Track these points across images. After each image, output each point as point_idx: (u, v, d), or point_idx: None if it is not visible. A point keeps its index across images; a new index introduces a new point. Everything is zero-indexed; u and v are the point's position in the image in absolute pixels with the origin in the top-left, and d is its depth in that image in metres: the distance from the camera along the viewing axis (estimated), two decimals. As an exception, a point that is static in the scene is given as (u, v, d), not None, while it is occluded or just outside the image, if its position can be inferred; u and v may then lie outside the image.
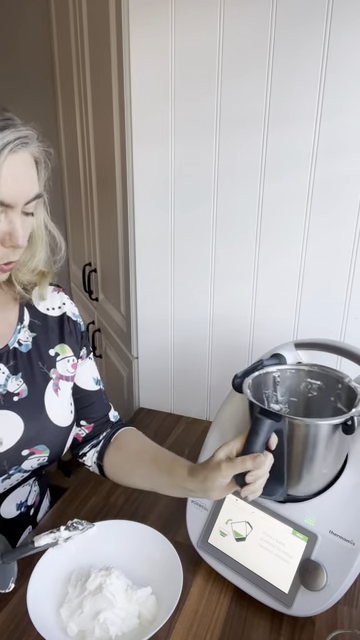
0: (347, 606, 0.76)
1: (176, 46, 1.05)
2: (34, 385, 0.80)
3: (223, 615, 0.75)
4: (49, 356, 0.83)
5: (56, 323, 0.85)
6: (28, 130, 0.67)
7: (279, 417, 0.69)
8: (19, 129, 0.66)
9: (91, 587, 0.73)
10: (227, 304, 1.19)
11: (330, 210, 1.03)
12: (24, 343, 0.81)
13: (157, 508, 0.96)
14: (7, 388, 0.77)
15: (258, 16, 0.96)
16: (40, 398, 0.80)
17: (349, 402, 0.77)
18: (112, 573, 0.74)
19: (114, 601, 0.71)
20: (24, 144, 0.65)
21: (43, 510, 0.97)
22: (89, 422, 0.90)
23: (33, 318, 0.83)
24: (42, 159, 0.70)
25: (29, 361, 0.80)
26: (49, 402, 0.81)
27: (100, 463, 0.88)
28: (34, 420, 0.78)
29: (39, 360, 0.82)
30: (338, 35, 0.92)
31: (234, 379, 0.80)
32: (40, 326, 0.84)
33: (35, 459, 0.79)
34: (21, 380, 0.79)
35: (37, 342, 0.82)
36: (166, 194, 1.16)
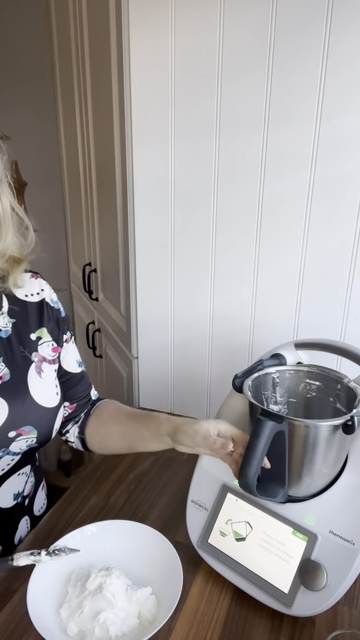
0: (347, 606, 0.76)
1: (176, 46, 1.05)
2: (16, 368, 0.82)
3: (223, 615, 0.75)
4: (30, 340, 0.86)
5: (35, 308, 0.88)
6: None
7: (281, 419, 0.69)
8: None
9: (91, 587, 0.73)
10: (227, 304, 1.19)
11: (330, 210, 1.03)
12: (3, 329, 0.83)
13: (157, 508, 0.96)
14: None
15: (258, 16, 0.96)
16: (23, 380, 0.82)
17: (348, 402, 0.77)
18: (112, 573, 0.74)
19: (114, 601, 0.71)
20: None
21: (38, 501, 0.99)
22: (72, 402, 0.94)
23: (12, 305, 0.86)
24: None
25: (9, 346, 0.83)
26: (33, 384, 0.83)
27: (82, 436, 0.94)
28: (18, 402, 0.80)
29: (20, 345, 0.84)
30: (338, 35, 0.92)
31: (234, 379, 0.80)
32: (19, 312, 0.86)
33: (23, 441, 0.80)
34: (2, 364, 0.81)
35: (17, 327, 0.85)
36: (166, 194, 1.16)
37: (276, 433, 0.69)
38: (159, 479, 1.05)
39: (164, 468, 1.09)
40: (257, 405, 0.73)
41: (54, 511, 0.95)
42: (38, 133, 1.98)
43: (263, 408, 0.72)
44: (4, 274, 0.83)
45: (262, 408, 0.72)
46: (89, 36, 1.38)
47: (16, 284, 0.85)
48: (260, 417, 0.69)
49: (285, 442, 0.71)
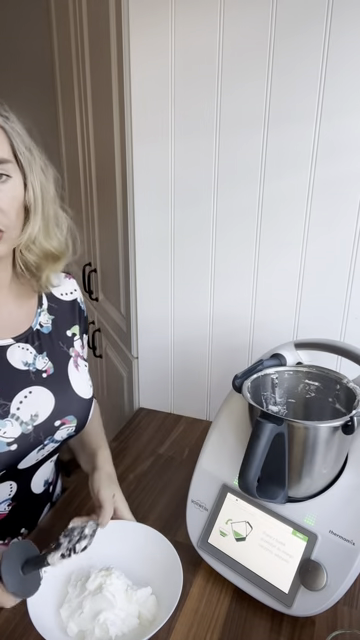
0: (347, 606, 0.76)
1: (176, 46, 1.05)
2: (58, 362, 0.87)
3: (223, 615, 0.75)
4: (67, 336, 0.91)
5: (69, 307, 0.93)
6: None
7: (280, 420, 0.69)
8: None
9: (91, 587, 0.73)
10: (227, 304, 1.19)
11: (330, 210, 1.03)
12: (45, 325, 0.88)
13: (157, 508, 0.96)
14: (36, 366, 0.84)
15: (258, 16, 0.96)
16: (65, 374, 0.88)
17: (348, 403, 0.78)
18: (112, 573, 0.74)
19: (114, 601, 0.71)
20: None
21: (58, 488, 1.03)
22: None
23: (50, 302, 0.90)
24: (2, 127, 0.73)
25: (51, 341, 0.88)
26: (72, 377, 0.88)
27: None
28: (62, 393, 0.86)
29: (59, 340, 0.89)
30: (338, 36, 0.92)
31: (234, 379, 0.80)
32: (57, 309, 0.91)
33: (65, 429, 0.86)
34: (47, 358, 0.86)
35: (56, 323, 0.90)
36: (166, 194, 1.16)
37: (275, 435, 0.69)
38: (159, 479, 1.06)
39: (164, 468, 1.09)
40: (256, 407, 0.73)
41: (54, 511, 0.95)
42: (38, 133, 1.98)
43: (262, 410, 0.72)
44: (38, 269, 0.84)
45: (261, 410, 0.72)
46: (89, 36, 1.38)
47: (49, 281, 0.87)
48: (259, 419, 0.70)
49: (285, 444, 0.71)
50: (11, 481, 0.84)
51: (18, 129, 0.75)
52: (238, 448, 0.82)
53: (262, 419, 0.70)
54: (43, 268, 0.84)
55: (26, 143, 0.76)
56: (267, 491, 0.74)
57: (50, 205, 0.80)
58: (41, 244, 0.81)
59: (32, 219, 0.78)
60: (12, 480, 0.84)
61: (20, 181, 0.75)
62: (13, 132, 0.74)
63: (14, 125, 0.74)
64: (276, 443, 0.70)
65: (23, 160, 0.75)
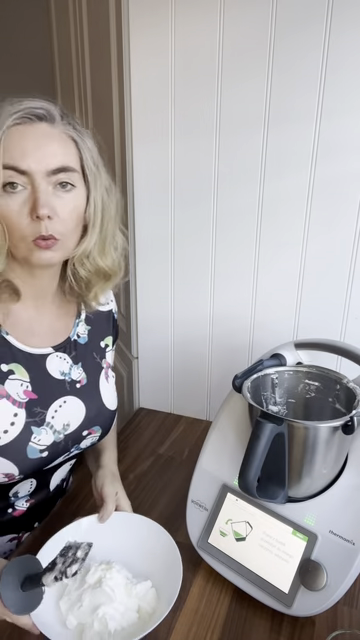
0: (347, 606, 0.76)
1: (176, 46, 1.05)
2: (91, 373, 0.89)
3: (223, 615, 0.75)
4: (100, 347, 0.93)
5: (105, 318, 0.95)
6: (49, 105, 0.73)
7: (280, 420, 0.69)
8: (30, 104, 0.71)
9: (91, 581, 0.73)
10: (227, 304, 1.19)
11: (330, 210, 1.03)
12: (82, 335, 0.90)
13: (157, 508, 0.96)
14: (71, 376, 0.86)
15: (258, 16, 0.96)
16: (96, 385, 0.90)
17: (348, 403, 0.78)
18: (112, 567, 0.74)
19: (113, 596, 0.71)
20: (38, 117, 0.70)
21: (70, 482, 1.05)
22: None
23: (88, 313, 0.92)
24: (71, 135, 0.74)
25: (86, 352, 0.90)
26: (103, 388, 0.91)
27: None
28: (93, 405, 0.88)
29: (93, 351, 0.91)
30: (338, 35, 0.92)
31: (234, 379, 0.80)
32: (93, 320, 0.92)
33: (90, 439, 0.88)
34: (81, 369, 0.88)
35: (91, 334, 0.91)
36: (166, 194, 1.16)
37: (276, 435, 0.69)
38: (159, 479, 1.06)
39: (164, 468, 1.09)
40: (256, 407, 0.73)
41: (54, 513, 0.95)
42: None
43: (262, 410, 0.72)
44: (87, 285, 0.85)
45: (261, 410, 0.72)
46: (89, 36, 1.38)
47: (97, 299, 0.88)
48: (259, 419, 0.70)
49: (285, 444, 0.71)
50: (32, 479, 0.86)
51: (89, 145, 0.77)
52: (238, 448, 0.82)
53: (262, 419, 0.70)
54: (93, 285, 0.85)
55: (94, 159, 0.77)
56: (267, 491, 0.74)
57: (109, 224, 0.81)
58: (95, 260, 0.81)
59: (89, 234, 0.78)
60: (33, 478, 0.86)
61: (83, 193, 0.76)
62: (84, 147, 0.75)
63: (86, 140, 0.76)
64: (276, 443, 0.70)
65: (89, 174, 0.76)
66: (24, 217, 0.70)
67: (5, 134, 0.68)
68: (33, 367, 0.81)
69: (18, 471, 0.78)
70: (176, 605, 0.75)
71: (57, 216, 0.71)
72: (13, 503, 0.87)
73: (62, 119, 0.74)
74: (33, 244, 0.71)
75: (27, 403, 0.79)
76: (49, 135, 0.71)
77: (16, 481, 0.81)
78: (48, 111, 0.72)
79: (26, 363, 0.80)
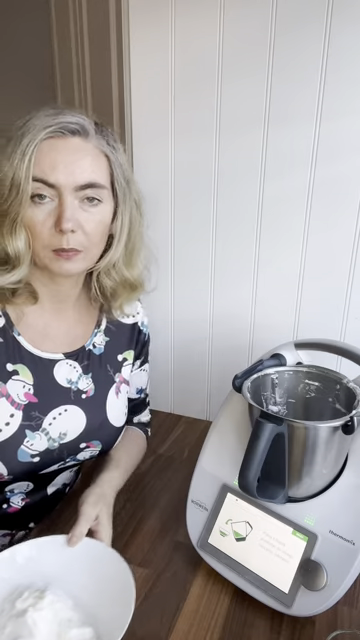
0: (347, 606, 0.76)
1: (176, 46, 1.05)
2: (100, 386, 0.88)
3: (223, 615, 0.75)
4: (117, 361, 0.91)
5: (128, 330, 0.93)
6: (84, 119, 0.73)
7: (280, 420, 0.69)
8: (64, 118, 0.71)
9: (20, 607, 0.64)
10: (227, 304, 1.19)
11: (330, 210, 1.03)
12: (98, 346, 0.88)
13: (157, 508, 0.96)
14: (78, 386, 0.85)
15: (258, 16, 0.96)
16: (103, 399, 0.88)
17: (348, 403, 0.78)
18: (45, 597, 0.64)
19: (34, 631, 0.60)
20: (71, 131, 0.71)
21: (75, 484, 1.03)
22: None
23: (109, 323, 0.91)
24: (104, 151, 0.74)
25: (100, 363, 0.88)
26: (110, 403, 0.88)
27: None
28: (95, 418, 0.86)
29: (108, 363, 0.89)
30: (338, 36, 0.92)
31: (234, 379, 0.80)
32: (114, 332, 0.91)
33: (89, 452, 0.87)
34: (90, 380, 0.86)
35: (109, 346, 0.90)
36: (166, 194, 1.16)
37: (276, 435, 0.69)
38: (159, 479, 1.05)
39: (164, 468, 1.09)
40: (256, 407, 0.73)
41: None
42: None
43: (262, 410, 0.72)
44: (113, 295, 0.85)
45: (262, 410, 0.72)
46: (89, 36, 1.38)
47: (122, 309, 0.88)
48: (259, 419, 0.70)
49: (285, 444, 0.71)
50: (29, 482, 0.85)
51: (121, 160, 0.77)
52: (238, 448, 0.82)
53: (262, 419, 0.69)
54: (119, 295, 0.85)
55: (125, 174, 0.78)
56: (267, 491, 0.74)
57: (137, 237, 0.82)
58: (121, 271, 0.82)
59: (114, 247, 0.79)
60: (30, 481, 0.85)
61: (110, 208, 0.77)
62: (116, 162, 0.76)
63: (118, 156, 0.76)
64: (276, 443, 0.70)
65: (119, 190, 0.77)
66: (48, 228, 0.71)
67: (37, 147, 0.69)
68: (39, 371, 0.80)
69: (7, 472, 0.77)
70: (176, 605, 0.75)
71: (81, 229, 0.72)
72: (9, 499, 0.86)
73: (96, 133, 0.74)
74: (54, 254, 0.72)
75: (26, 406, 0.78)
76: (81, 150, 0.72)
77: (7, 481, 0.81)
78: (82, 126, 0.72)
79: (32, 366, 0.79)
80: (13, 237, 0.71)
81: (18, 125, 0.71)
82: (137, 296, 0.90)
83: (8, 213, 0.70)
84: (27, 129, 0.70)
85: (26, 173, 0.68)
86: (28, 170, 0.68)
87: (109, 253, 0.80)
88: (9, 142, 0.70)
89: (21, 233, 0.71)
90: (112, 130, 0.78)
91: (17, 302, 0.78)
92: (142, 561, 0.83)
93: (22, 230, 0.71)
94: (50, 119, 0.70)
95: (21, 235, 0.71)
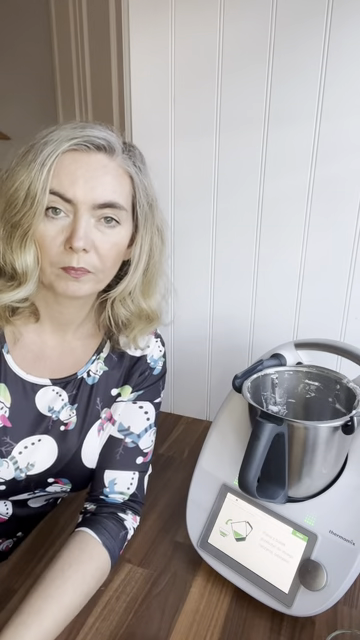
0: (347, 606, 0.76)
1: (176, 46, 1.05)
2: (83, 421, 0.79)
3: (223, 615, 0.75)
4: (109, 395, 0.82)
5: (130, 363, 0.83)
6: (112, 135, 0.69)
7: (280, 420, 0.69)
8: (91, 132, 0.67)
9: None
10: (227, 304, 1.19)
11: (330, 210, 1.03)
12: (92, 375, 0.80)
13: (157, 508, 0.96)
14: (59, 416, 0.77)
15: (258, 16, 0.96)
16: (83, 434, 0.79)
17: (348, 403, 0.78)
18: None
19: None
20: (96, 146, 0.67)
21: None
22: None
23: (112, 352, 0.82)
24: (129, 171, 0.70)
25: (89, 395, 0.80)
26: (88, 441, 0.80)
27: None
28: (67, 453, 0.78)
29: (98, 396, 0.81)
30: (338, 35, 0.92)
31: (234, 379, 0.80)
32: (115, 362, 0.82)
33: (58, 487, 0.80)
34: (74, 412, 0.79)
35: (105, 377, 0.81)
36: (166, 194, 1.16)
37: (276, 435, 0.69)
38: (159, 479, 1.05)
39: (164, 468, 1.09)
40: (256, 407, 0.73)
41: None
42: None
43: (262, 410, 0.72)
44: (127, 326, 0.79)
45: (261, 410, 0.72)
46: (89, 36, 1.38)
47: (136, 341, 0.80)
48: (259, 419, 0.70)
49: (285, 444, 0.71)
50: (5, 500, 0.81)
51: (146, 183, 0.73)
52: (238, 448, 0.82)
53: (262, 419, 0.70)
54: (134, 326, 0.78)
55: (149, 198, 0.73)
56: (267, 491, 0.74)
57: (157, 266, 0.77)
58: (138, 301, 0.77)
59: (131, 273, 0.74)
60: (6, 500, 0.81)
61: (128, 232, 0.72)
62: (140, 184, 0.71)
63: (143, 178, 0.72)
64: (276, 443, 0.70)
65: (140, 214, 0.72)
66: (58, 244, 0.66)
67: (58, 158, 0.65)
68: (19, 394, 0.74)
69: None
70: (176, 605, 0.75)
71: (94, 250, 0.68)
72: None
73: (123, 152, 0.70)
74: (62, 271, 0.67)
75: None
76: (104, 167, 0.67)
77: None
78: (109, 142, 0.68)
79: (14, 387, 0.74)
80: (22, 251, 0.66)
81: (42, 134, 0.67)
82: (153, 328, 0.82)
83: (20, 225, 0.66)
84: (51, 139, 0.65)
85: (43, 184, 0.64)
86: (46, 181, 0.64)
87: (125, 280, 0.74)
88: (30, 150, 0.66)
89: (31, 248, 0.67)
90: (139, 152, 0.74)
91: (16, 323, 0.74)
92: (142, 561, 0.84)
93: (32, 244, 0.67)
94: (77, 131, 0.66)
95: (30, 250, 0.67)
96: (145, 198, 0.72)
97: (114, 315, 0.78)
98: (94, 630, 0.72)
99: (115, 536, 0.76)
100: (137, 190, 0.71)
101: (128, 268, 0.75)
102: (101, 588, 0.77)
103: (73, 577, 0.68)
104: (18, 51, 1.99)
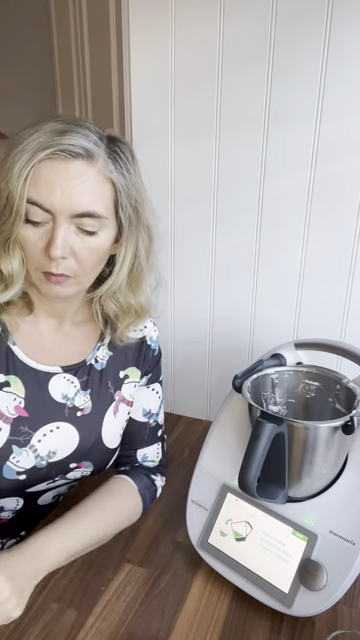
0: (347, 606, 0.76)
1: (176, 46, 1.05)
2: (98, 404, 0.83)
3: (223, 615, 0.75)
4: (118, 378, 0.86)
5: (133, 346, 0.87)
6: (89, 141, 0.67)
7: (280, 420, 0.69)
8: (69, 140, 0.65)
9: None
10: (227, 304, 1.19)
11: (330, 210, 1.03)
12: (100, 361, 0.84)
13: (157, 508, 0.96)
14: (74, 402, 0.80)
15: (258, 16, 0.96)
16: (100, 418, 0.83)
17: (348, 403, 0.78)
18: None
19: None
20: (74, 154, 0.65)
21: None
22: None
23: (113, 338, 0.86)
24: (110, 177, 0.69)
25: (100, 380, 0.83)
26: (106, 423, 0.83)
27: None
28: (89, 438, 0.81)
29: (109, 380, 0.84)
30: (338, 35, 0.92)
31: (234, 379, 0.80)
32: (118, 347, 0.86)
33: (79, 472, 0.82)
34: (88, 397, 0.82)
35: (112, 362, 0.85)
36: (166, 194, 1.16)
37: (276, 435, 0.69)
38: (159, 479, 1.05)
39: (164, 468, 1.09)
40: (256, 407, 0.73)
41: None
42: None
43: (262, 410, 0.72)
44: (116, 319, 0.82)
45: (261, 410, 0.72)
46: (89, 36, 1.38)
47: (124, 334, 0.83)
48: (259, 419, 0.70)
49: (285, 444, 0.71)
50: (18, 497, 0.82)
51: (130, 185, 0.71)
52: (238, 448, 0.82)
53: (262, 419, 0.70)
54: (122, 320, 0.81)
55: (133, 201, 0.72)
56: (267, 491, 0.74)
57: (143, 263, 0.77)
58: (126, 297, 0.78)
59: (116, 274, 0.76)
60: (19, 497, 0.82)
61: (111, 234, 0.72)
62: (123, 189, 0.70)
63: (127, 181, 0.70)
64: (276, 443, 0.70)
65: (123, 219, 0.72)
66: (39, 250, 0.68)
67: (35, 167, 0.64)
68: (32, 383, 0.76)
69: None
70: (176, 605, 0.75)
71: (74, 255, 0.68)
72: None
73: (106, 154, 0.68)
74: (43, 276, 0.70)
75: (15, 420, 0.74)
76: (82, 175, 0.66)
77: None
78: (87, 149, 0.66)
79: (26, 378, 0.76)
80: (7, 255, 0.68)
81: (22, 136, 0.66)
82: (142, 322, 0.85)
83: (3, 231, 0.67)
84: (28, 144, 0.64)
85: (21, 193, 0.64)
86: (23, 191, 0.64)
87: (110, 279, 0.76)
88: (9, 154, 0.66)
89: (15, 252, 0.68)
90: (127, 146, 0.72)
91: (11, 312, 0.75)
92: (142, 561, 0.84)
93: (16, 248, 0.68)
94: (54, 138, 0.64)
95: (15, 254, 0.68)
96: (128, 201, 0.71)
97: (103, 310, 0.80)
98: (94, 630, 0.72)
99: (148, 487, 0.88)
100: (119, 195, 0.70)
101: (114, 264, 0.76)
102: (101, 588, 0.77)
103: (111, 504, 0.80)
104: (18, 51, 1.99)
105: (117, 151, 0.70)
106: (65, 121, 0.68)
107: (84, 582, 0.79)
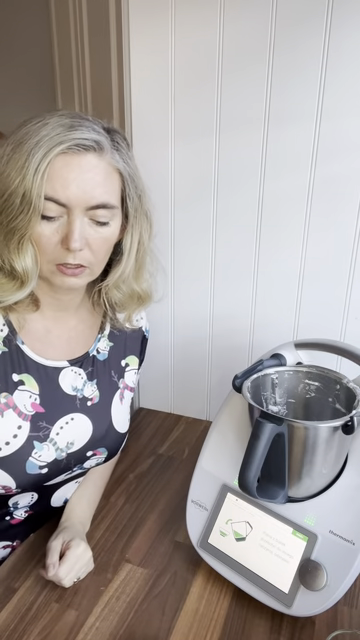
0: (347, 606, 0.76)
1: (176, 46, 1.05)
2: (105, 392, 0.86)
3: (223, 615, 0.75)
4: (120, 366, 0.90)
5: (131, 335, 0.92)
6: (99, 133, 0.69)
7: (280, 420, 0.69)
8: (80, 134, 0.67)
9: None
10: (227, 304, 1.19)
11: (330, 210, 1.03)
12: (102, 352, 0.87)
13: (157, 508, 0.96)
14: (84, 393, 0.83)
15: (258, 16, 0.96)
16: (108, 405, 0.87)
17: (348, 403, 0.78)
18: None
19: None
20: (86, 147, 0.67)
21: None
22: None
23: (113, 328, 0.89)
24: (118, 167, 0.71)
25: (104, 369, 0.87)
26: (115, 409, 0.87)
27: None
28: (101, 425, 0.85)
29: (112, 369, 0.88)
30: (338, 35, 0.92)
31: (234, 379, 0.80)
32: (118, 336, 0.90)
33: (95, 459, 0.86)
34: (95, 387, 0.85)
35: (113, 352, 0.89)
36: (166, 194, 1.16)
37: (275, 435, 0.69)
38: (159, 479, 1.06)
39: (164, 468, 1.10)
40: (256, 407, 0.73)
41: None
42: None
43: (262, 410, 0.72)
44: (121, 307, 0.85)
45: (261, 410, 0.72)
46: (89, 36, 1.38)
47: (130, 320, 0.88)
48: (259, 419, 0.70)
49: (285, 444, 0.71)
50: (33, 492, 0.84)
51: (133, 173, 0.74)
52: (238, 448, 0.82)
53: (262, 419, 0.70)
54: (127, 307, 0.85)
55: (138, 189, 0.75)
56: (267, 491, 0.74)
57: (146, 250, 0.81)
58: (130, 285, 0.81)
59: (125, 261, 0.78)
60: (34, 492, 0.84)
61: (118, 225, 0.75)
62: (129, 178, 0.73)
63: (131, 170, 0.74)
64: (276, 443, 0.70)
65: (130, 207, 0.75)
66: (54, 243, 0.69)
67: (50, 164, 0.65)
68: (45, 379, 0.79)
69: (15, 485, 0.76)
70: (176, 605, 0.75)
71: (88, 246, 0.71)
72: (12, 512, 0.85)
73: (111, 147, 0.71)
74: (56, 268, 0.71)
75: (33, 416, 0.77)
76: (95, 168, 0.68)
77: (13, 493, 0.80)
78: (97, 142, 0.68)
79: (38, 375, 0.78)
80: (21, 253, 0.69)
81: (29, 130, 0.66)
82: (145, 307, 0.88)
83: (17, 229, 0.67)
84: (41, 140, 0.65)
85: (38, 191, 0.65)
86: (40, 188, 0.65)
87: (119, 268, 0.78)
88: (18, 148, 0.66)
89: (28, 249, 0.69)
90: (122, 135, 0.74)
91: (18, 310, 0.77)
92: (142, 561, 0.84)
93: (29, 245, 0.69)
94: (65, 133, 0.66)
95: (28, 251, 0.69)
96: (134, 190, 0.75)
97: (109, 298, 0.83)
98: (94, 630, 0.72)
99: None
100: (127, 184, 0.74)
101: (120, 252, 0.78)
102: (101, 588, 0.78)
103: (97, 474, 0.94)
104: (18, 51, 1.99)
105: (118, 141, 0.73)
106: (69, 115, 0.70)
107: (84, 582, 0.79)
